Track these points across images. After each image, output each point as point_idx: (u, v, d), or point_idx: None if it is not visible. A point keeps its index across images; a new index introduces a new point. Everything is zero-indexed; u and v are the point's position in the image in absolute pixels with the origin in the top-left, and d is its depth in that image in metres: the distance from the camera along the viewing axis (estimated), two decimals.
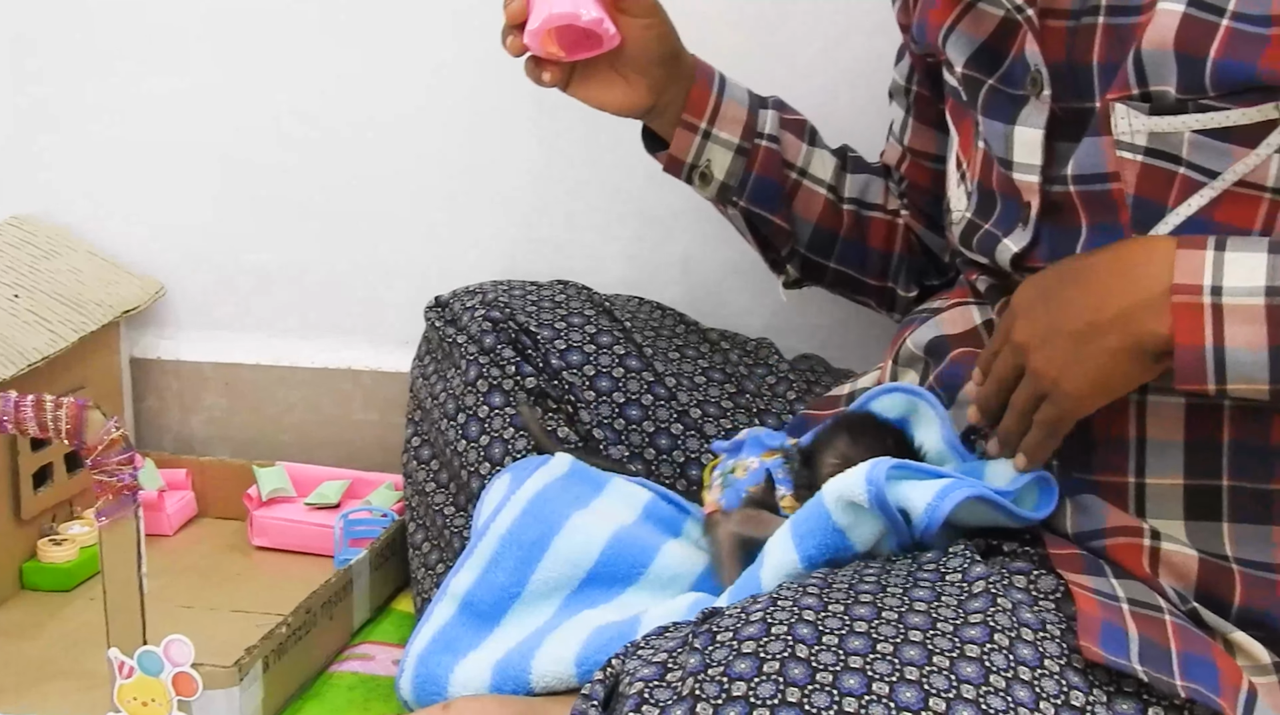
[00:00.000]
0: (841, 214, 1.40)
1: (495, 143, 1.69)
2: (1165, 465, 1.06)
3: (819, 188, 1.39)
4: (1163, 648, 0.98)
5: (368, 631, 1.45)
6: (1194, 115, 1.01)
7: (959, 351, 1.21)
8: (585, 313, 1.41)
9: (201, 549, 1.65)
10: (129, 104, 1.76)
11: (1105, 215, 1.07)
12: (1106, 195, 1.07)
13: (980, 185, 1.19)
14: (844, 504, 1.04)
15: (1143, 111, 1.03)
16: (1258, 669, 1.03)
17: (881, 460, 1.04)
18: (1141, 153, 1.04)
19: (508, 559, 1.20)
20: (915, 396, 1.20)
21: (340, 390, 1.77)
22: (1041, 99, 1.10)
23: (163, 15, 1.73)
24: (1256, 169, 1.01)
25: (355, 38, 1.69)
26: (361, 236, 1.75)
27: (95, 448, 1.16)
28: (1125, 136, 1.05)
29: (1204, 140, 1.02)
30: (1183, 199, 1.03)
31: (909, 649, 0.92)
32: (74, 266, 1.71)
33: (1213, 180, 1.02)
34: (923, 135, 1.37)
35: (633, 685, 0.94)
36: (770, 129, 1.36)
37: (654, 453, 1.35)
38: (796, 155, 1.38)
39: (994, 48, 1.15)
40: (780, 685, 0.90)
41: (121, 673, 1.20)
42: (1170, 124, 1.03)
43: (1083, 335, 1.00)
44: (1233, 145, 1.01)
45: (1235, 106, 1.00)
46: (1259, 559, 1.05)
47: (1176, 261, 0.97)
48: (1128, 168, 1.05)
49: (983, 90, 1.16)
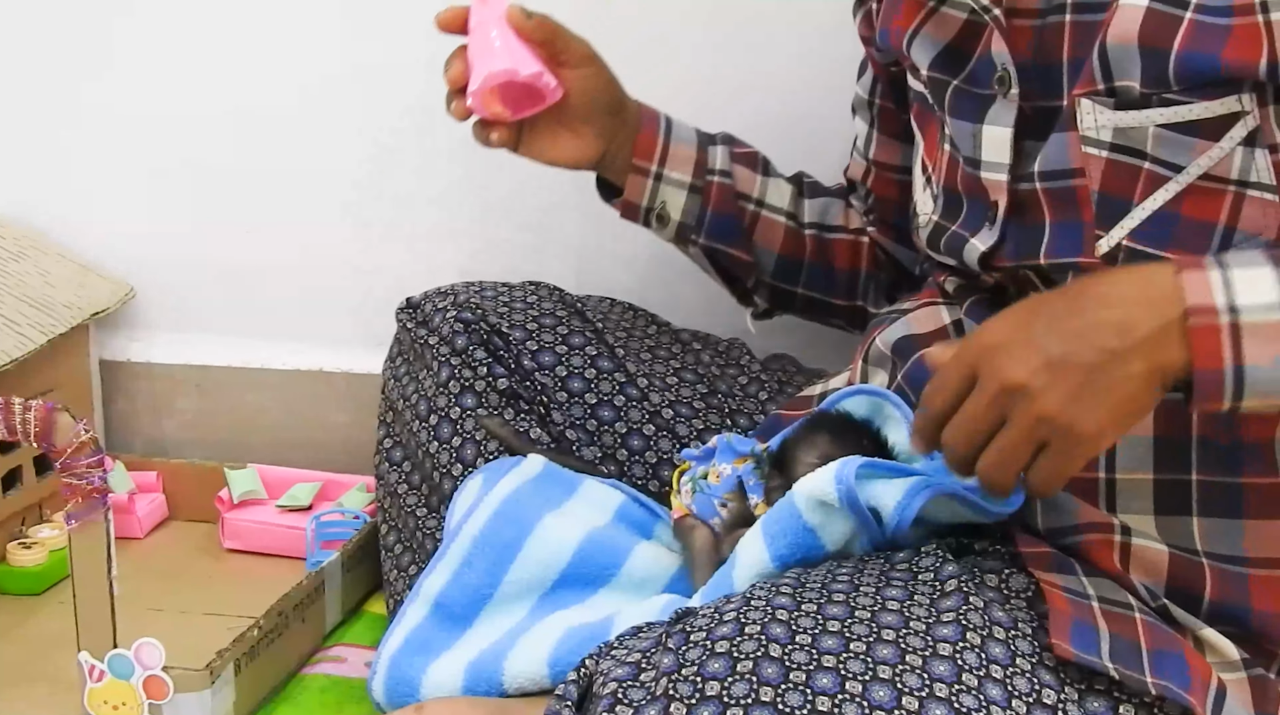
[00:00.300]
0: (804, 240, 1.42)
1: (467, 143, 1.68)
2: (1135, 460, 1.07)
3: (778, 216, 1.41)
4: (1133, 645, 0.98)
5: (340, 634, 1.44)
6: (1158, 110, 1.02)
7: (926, 350, 1.22)
8: (557, 313, 1.41)
9: (172, 552, 1.64)
10: (99, 107, 1.76)
11: (1069, 212, 1.08)
12: (1071, 192, 1.08)
13: (946, 188, 1.20)
14: (814, 503, 1.05)
15: (1108, 107, 1.04)
16: (1227, 665, 1.03)
17: (851, 459, 1.05)
18: (1107, 148, 1.05)
19: (480, 560, 1.20)
20: (880, 398, 1.21)
21: (312, 392, 1.76)
22: (1009, 98, 1.11)
23: (132, 20, 1.72)
24: (1220, 162, 1.02)
25: (323, 41, 1.69)
26: (332, 238, 1.74)
27: (65, 451, 1.15)
28: (1091, 132, 1.06)
29: (1168, 134, 1.02)
30: (1148, 194, 1.04)
31: (882, 648, 0.92)
32: (43, 268, 1.71)
33: (1177, 174, 1.03)
34: (887, 147, 1.38)
35: (606, 685, 0.94)
36: (721, 165, 1.38)
37: (626, 454, 1.36)
38: (751, 187, 1.40)
39: (959, 49, 1.16)
40: (754, 685, 0.90)
41: (92, 676, 1.19)
42: (1135, 119, 1.03)
43: (1100, 366, 0.92)
44: (1197, 139, 1.02)
45: (1198, 100, 1.01)
46: (1229, 553, 1.05)
47: (1183, 282, 0.92)
48: (1093, 163, 1.06)
49: (949, 91, 1.16)
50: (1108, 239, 1.06)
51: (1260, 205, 1.02)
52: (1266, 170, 1.01)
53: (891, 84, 1.35)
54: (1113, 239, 1.06)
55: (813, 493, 1.04)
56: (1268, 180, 1.01)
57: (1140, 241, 1.05)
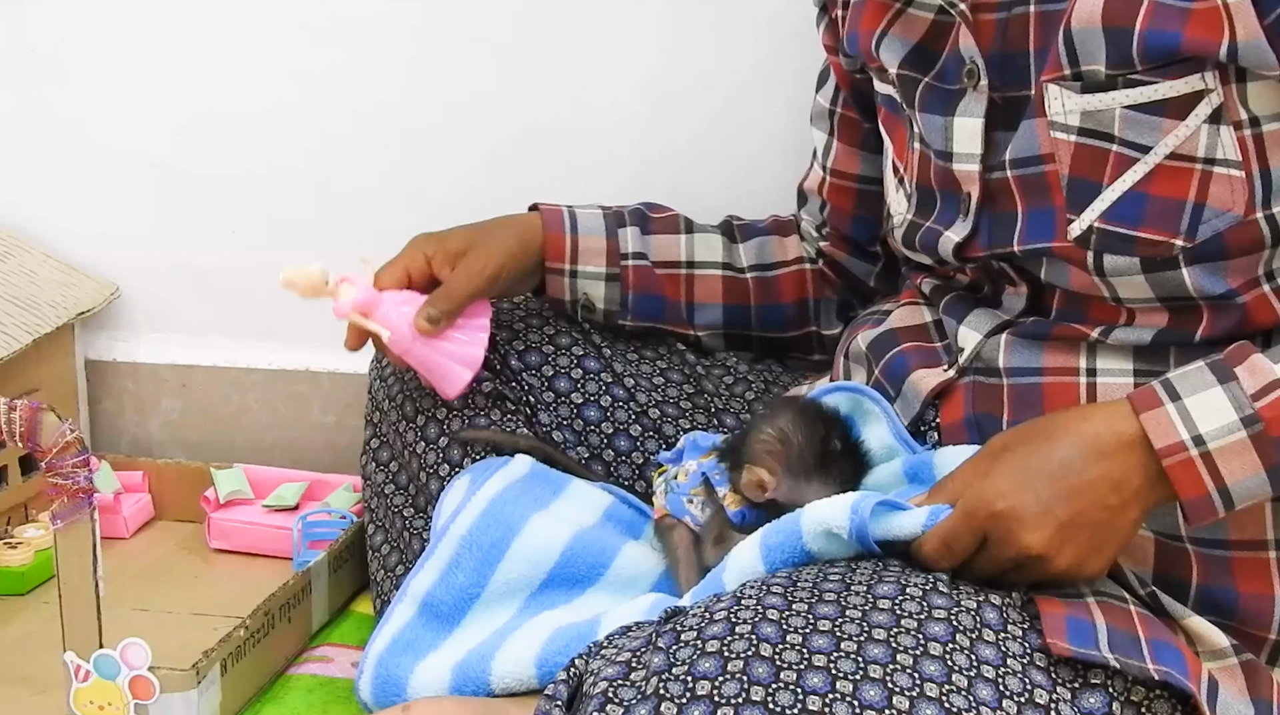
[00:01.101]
0: (746, 284, 1.42)
1: (452, 145, 1.69)
2: None
3: (713, 270, 1.41)
4: (1131, 635, 0.99)
5: (326, 634, 1.44)
6: (1124, 91, 1.04)
7: (906, 345, 1.23)
8: (544, 314, 1.41)
9: (158, 552, 1.64)
10: (84, 106, 1.75)
11: (1040, 198, 1.10)
12: (1042, 178, 1.10)
13: (920, 186, 1.21)
14: (820, 532, 1.03)
15: (1075, 91, 1.06)
16: (1215, 654, 1.04)
17: (868, 494, 1.04)
18: (1075, 132, 1.07)
19: (468, 560, 1.20)
20: (859, 394, 1.21)
21: (298, 392, 1.76)
22: (979, 90, 1.13)
23: (118, 20, 1.72)
24: (1187, 141, 1.04)
25: (305, 42, 1.69)
26: (320, 238, 1.74)
27: (50, 451, 1.15)
28: (1059, 117, 1.07)
29: (1135, 115, 1.04)
30: (1117, 175, 1.06)
31: (873, 647, 0.92)
32: (28, 268, 1.70)
33: (1145, 155, 1.05)
34: (846, 157, 1.39)
35: (597, 685, 0.94)
36: (634, 247, 1.39)
37: (613, 455, 1.36)
38: (676, 252, 1.41)
39: (927, 46, 1.17)
40: (744, 684, 0.90)
41: (78, 677, 1.19)
42: (1102, 101, 1.05)
43: (1104, 523, 1.00)
44: (1163, 119, 1.04)
45: (1163, 80, 1.03)
46: (1212, 537, 1.07)
47: (1145, 426, 0.99)
48: (1062, 148, 1.08)
49: (919, 88, 1.18)
50: (1079, 223, 1.08)
51: (1227, 182, 1.04)
52: (1232, 147, 1.03)
53: (854, 93, 1.35)
54: (1084, 222, 1.08)
55: (821, 521, 1.03)
56: (1233, 157, 1.04)
57: (1111, 222, 1.07)
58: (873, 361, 1.26)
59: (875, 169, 1.37)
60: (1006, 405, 1.14)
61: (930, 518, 1.02)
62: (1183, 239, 1.05)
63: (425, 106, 1.68)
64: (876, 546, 1.03)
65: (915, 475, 1.15)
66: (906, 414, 1.21)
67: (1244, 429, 0.98)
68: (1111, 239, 1.07)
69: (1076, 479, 1.00)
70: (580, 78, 1.64)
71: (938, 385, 1.19)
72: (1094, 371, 1.11)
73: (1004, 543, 1.00)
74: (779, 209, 1.49)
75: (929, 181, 1.19)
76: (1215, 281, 1.06)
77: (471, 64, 1.65)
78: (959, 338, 1.20)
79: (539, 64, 1.64)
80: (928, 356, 1.22)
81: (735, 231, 1.44)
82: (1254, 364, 1.00)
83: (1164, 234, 1.05)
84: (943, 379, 1.19)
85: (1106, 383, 1.10)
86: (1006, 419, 1.14)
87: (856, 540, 1.02)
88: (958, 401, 1.18)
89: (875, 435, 1.19)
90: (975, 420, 1.16)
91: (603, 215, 1.40)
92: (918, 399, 1.20)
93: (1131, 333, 1.10)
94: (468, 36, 1.65)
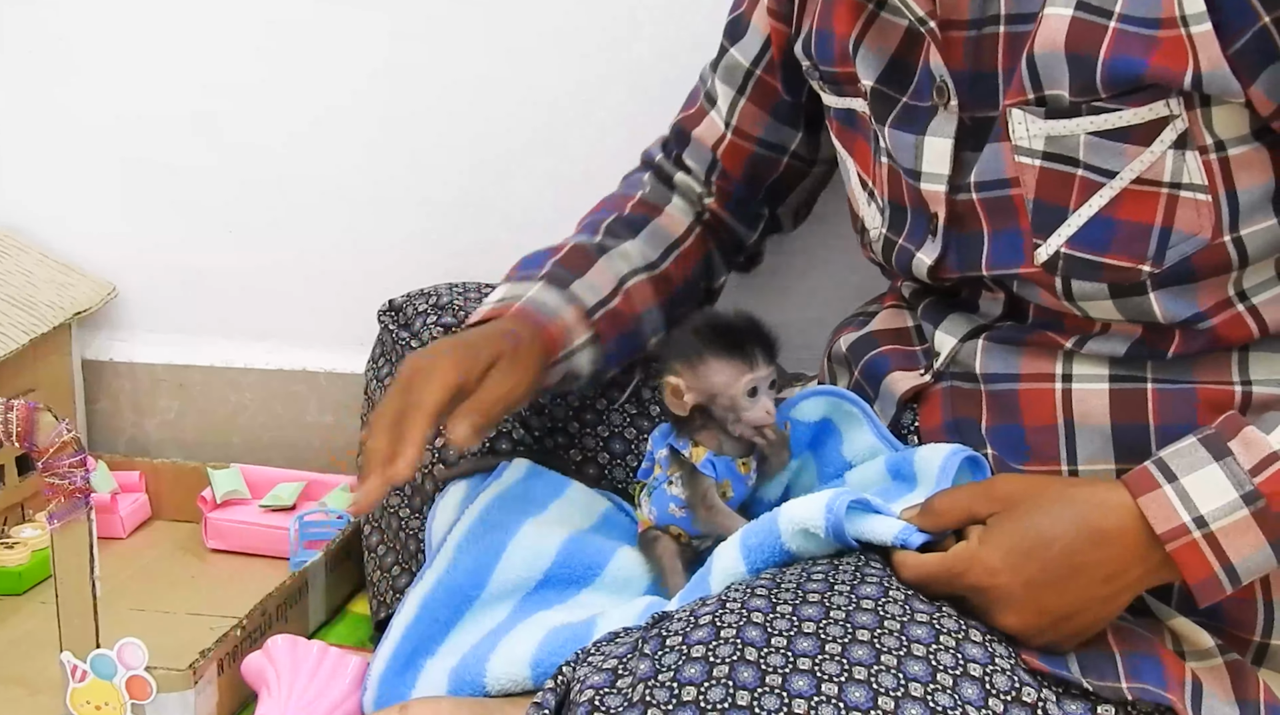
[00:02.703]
0: (667, 274, 1.35)
1: (451, 144, 1.69)
2: (1095, 451, 1.08)
3: (638, 277, 1.32)
4: (1105, 655, 1.00)
5: (323, 634, 1.44)
6: (1088, 118, 1.02)
7: (885, 347, 1.23)
8: None
9: (155, 552, 1.64)
10: (81, 107, 1.75)
11: (1007, 221, 1.09)
12: (1007, 201, 1.08)
13: (891, 201, 1.19)
14: (798, 531, 1.04)
15: (1039, 116, 1.04)
16: (1200, 654, 1.04)
17: (842, 491, 1.04)
18: (1040, 157, 1.05)
19: (465, 562, 1.20)
20: (838, 397, 1.21)
21: (295, 392, 1.76)
22: (950, 109, 1.11)
23: (115, 19, 1.72)
24: (1152, 166, 1.02)
25: (304, 41, 1.69)
26: (316, 238, 1.74)
27: (47, 450, 1.15)
28: (1023, 141, 1.06)
29: (1099, 142, 1.03)
30: (1083, 200, 1.04)
31: (857, 648, 0.93)
32: (25, 268, 1.70)
33: (1110, 180, 1.03)
34: (753, 119, 1.35)
35: (583, 693, 0.94)
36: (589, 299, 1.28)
37: (608, 457, 1.36)
38: (611, 279, 1.30)
39: (904, 60, 1.15)
40: (730, 689, 0.90)
41: (74, 676, 1.19)
42: (1066, 127, 1.03)
43: (1088, 615, 1.00)
44: (1128, 145, 1.02)
45: (1128, 106, 1.01)
46: None
47: (1144, 511, 0.98)
48: (1026, 172, 1.06)
49: (895, 107, 1.15)
50: (1046, 247, 1.06)
51: (1194, 206, 1.02)
52: (1198, 171, 1.02)
53: (784, 65, 1.31)
54: (1050, 247, 1.06)
55: (798, 521, 1.04)
56: (1200, 181, 1.02)
57: (1078, 248, 1.05)
58: (852, 363, 1.26)
59: (778, 136, 1.34)
60: (985, 411, 1.14)
61: (902, 533, 1.03)
62: (1150, 264, 1.03)
63: (426, 107, 1.68)
64: (855, 544, 1.03)
65: (898, 472, 1.15)
66: (884, 416, 1.21)
67: (1246, 506, 0.96)
68: (1078, 264, 1.05)
69: (1072, 568, 0.99)
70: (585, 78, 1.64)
71: (912, 388, 1.19)
72: (1070, 377, 1.10)
73: (982, 610, 1.00)
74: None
75: (900, 198, 1.18)
76: (1183, 305, 1.05)
77: (472, 64, 1.65)
78: (936, 342, 1.19)
79: (539, 64, 1.64)
80: (906, 359, 1.22)
81: (623, 230, 1.35)
82: (1247, 437, 0.98)
83: (1131, 260, 1.04)
84: (918, 383, 1.19)
85: (1083, 389, 1.09)
86: (985, 425, 1.13)
87: (834, 538, 1.03)
88: (936, 406, 1.17)
89: (858, 437, 1.20)
90: (955, 425, 1.15)
91: (545, 286, 1.27)
92: (892, 401, 1.20)
93: (1105, 344, 1.09)
94: (469, 36, 1.65)
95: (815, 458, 1.24)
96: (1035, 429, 1.10)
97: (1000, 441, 1.12)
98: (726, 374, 1.15)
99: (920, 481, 1.12)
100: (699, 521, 1.19)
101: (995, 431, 1.12)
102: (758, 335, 1.17)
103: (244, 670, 1.25)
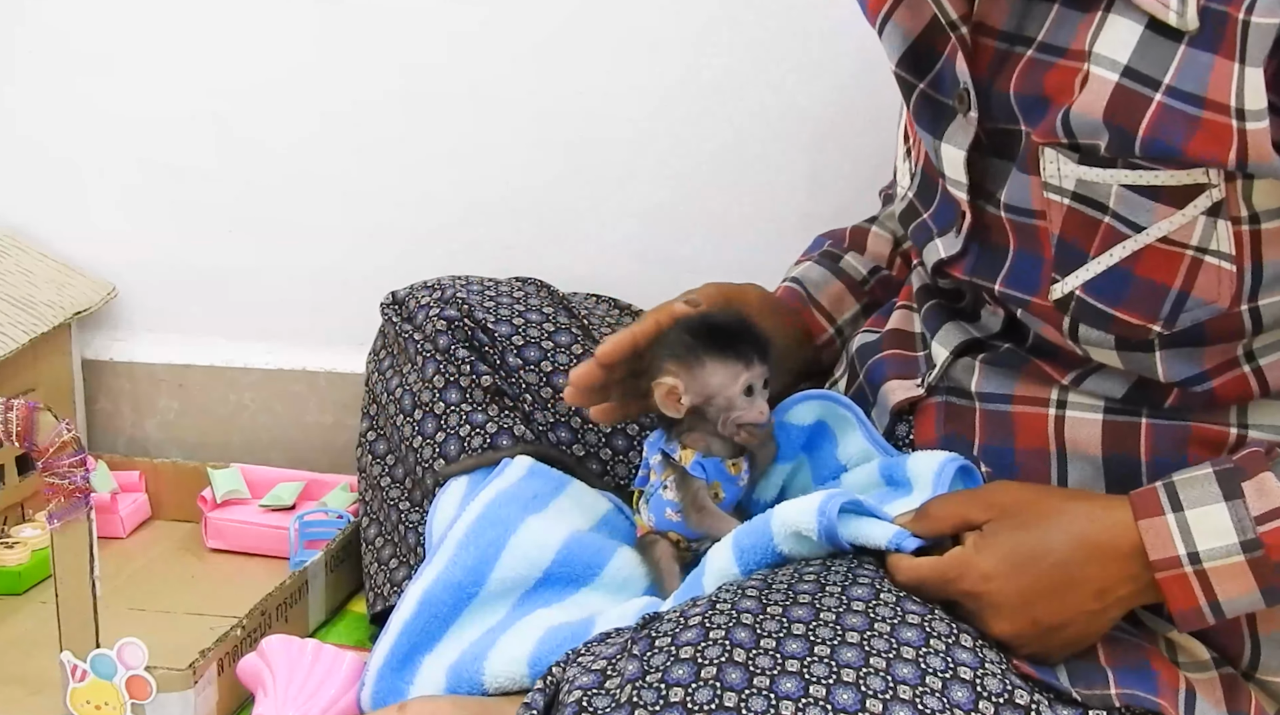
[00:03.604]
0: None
1: (452, 141, 1.69)
2: (1085, 480, 1.08)
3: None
4: (1095, 667, 1.00)
5: (323, 634, 1.44)
6: (1123, 171, 0.99)
7: (887, 352, 1.22)
8: (544, 310, 1.41)
9: (155, 551, 1.64)
10: (81, 106, 1.75)
11: (1032, 245, 1.06)
12: (1034, 230, 1.05)
13: (923, 170, 1.17)
14: (790, 534, 1.04)
15: (1072, 159, 1.01)
16: (1197, 665, 1.04)
17: (835, 493, 1.04)
18: (1069, 196, 1.02)
19: (465, 558, 1.19)
20: (830, 401, 1.21)
21: (295, 392, 1.76)
22: (968, 119, 1.07)
23: (114, 19, 1.72)
24: (1181, 228, 0.98)
25: (305, 39, 1.69)
26: (316, 237, 1.74)
27: (47, 450, 1.15)
28: (1054, 179, 1.02)
29: (1132, 195, 0.99)
30: (1104, 249, 1.01)
31: (846, 650, 0.92)
32: (25, 268, 1.70)
33: (1136, 234, 1.00)
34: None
35: (571, 694, 0.94)
36: (865, 269, 1.36)
37: (610, 453, 1.36)
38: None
39: (929, 46, 1.11)
40: (717, 690, 0.90)
41: (74, 676, 1.19)
42: (1099, 175, 1.00)
43: (1078, 627, 1.00)
44: (1159, 204, 0.98)
45: (1165, 168, 0.97)
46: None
47: (1143, 535, 0.97)
48: (1054, 209, 1.03)
49: (915, 94, 1.13)
50: (1062, 286, 1.04)
51: (1216, 273, 0.99)
52: (1228, 240, 0.98)
53: None
54: (1066, 287, 1.03)
55: (790, 523, 1.04)
56: (1227, 250, 0.99)
57: (1092, 295, 1.02)
58: (858, 366, 1.25)
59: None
60: (978, 429, 1.13)
61: (896, 537, 1.02)
62: (1161, 325, 1.01)
63: (426, 107, 1.68)
64: (848, 546, 1.03)
65: (890, 477, 1.15)
66: (879, 425, 1.20)
67: (1243, 553, 0.96)
68: (1089, 311, 1.03)
69: (1065, 580, 0.99)
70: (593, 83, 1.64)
71: (906, 399, 1.17)
72: (1065, 404, 1.08)
73: (974, 616, 1.00)
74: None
75: (932, 173, 1.15)
76: (1187, 367, 1.03)
77: (473, 63, 1.65)
78: (933, 351, 1.18)
79: (540, 65, 1.64)
80: (905, 366, 1.21)
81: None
82: (1263, 483, 0.97)
83: (1143, 318, 1.01)
84: (911, 394, 1.17)
85: (1076, 417, 1.08)
86: (978, 443, 1.12)
87: (826, 541, 1.02)
88: (930, 420, 1.16)
89: (851, 441, 1.20)
90: (947, 442, 1.14)
91: (813, 268, 1.36)
92: (886, 411, 1.19)
93: (1103, 382, 1.07)
94: (469, 37, 1.64)
95: (810, 461, 1.24)
96: (1026, 451, 1.10)
97: (992, 461, 1.11)
98: (723, 375, 1.15)
99: (915, 487, 1.11)
100: (691, 524, 1.18)
101: (987, 451, 1.11)
102: (751, 335, 1.17)
103: (239, 672, 1.25)
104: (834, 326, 1.34)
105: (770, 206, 1.62)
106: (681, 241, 1.65)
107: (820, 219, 1.53)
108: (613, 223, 1.67)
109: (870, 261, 1.37)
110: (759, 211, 1.63)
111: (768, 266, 1.54)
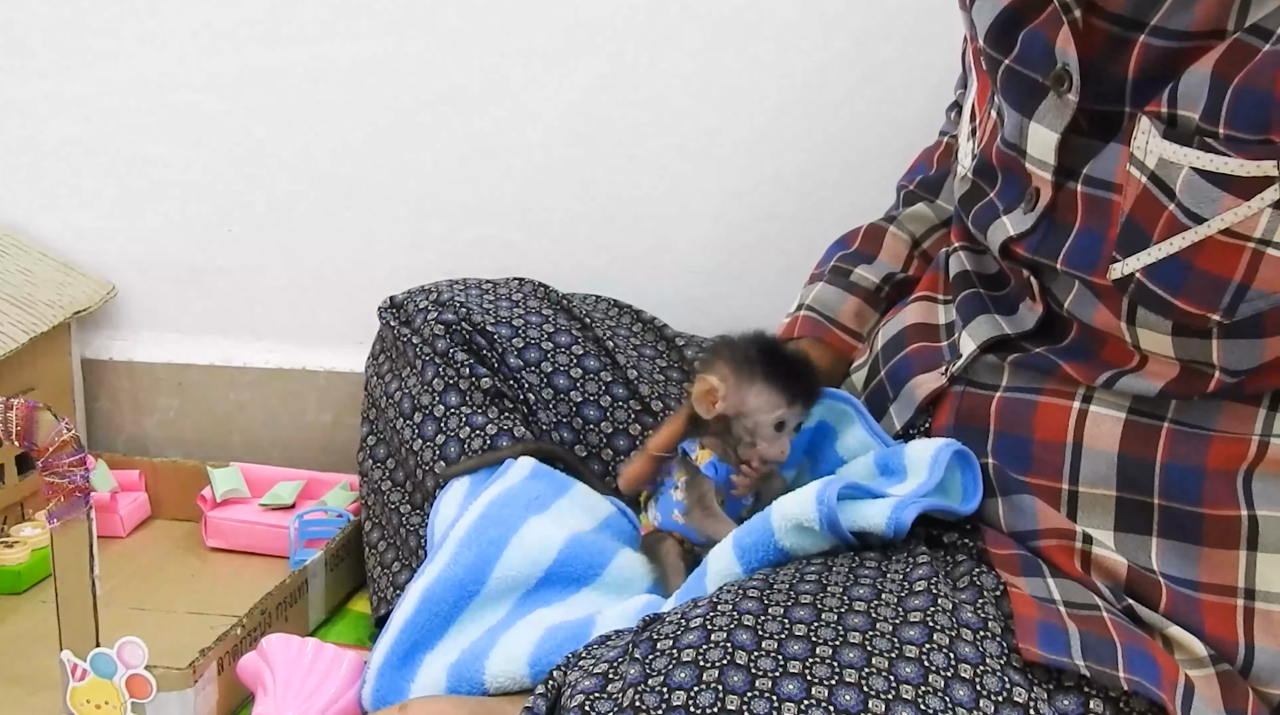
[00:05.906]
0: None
1: (453, 141, 1.69)
2: (1098, 476, 1.07)
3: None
4: (1105, 640, 0.99)
5: (323, 633, 1.44)
6: (1197, 152, 0.97)
7: (911, 348, 1.22)
8: (543, 312, 1.41)
9: (155, 550, 1.64)
10: (80, 105, 1.75)
11: (1099, 221, 1.04)
12: (1106, 204, 1.03)
13: (983, 153, 1.15)
14: (791, 527, 1.04)
15: (1159, 133, 0.98)
16: (1194, 662, 1.04)
17: (831, 480, 1.04)
18: (1148, 175, 1.00)
19: (466, 557, 1.19)
20: (829, 399, 1.22)
21: (295, 391, 1.76)
22: (1065, 100, 1.05)
23: (113, 18, 1.72)
24: (1245, 220, 0.97)
25: (306, 39, 1.69)
26: (315, 236, 1.74)
27: (46, 449, 1.15)
28: (1139, 152, 1.00)
29: (1199, 182, 0.97)
30: (1165, 237, 0.99)
31: (848, 651, 0.92)
32: (24, 267, 1.70)
33: (1197, 226, 0.98)
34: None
35: (574, 698, 0.94)
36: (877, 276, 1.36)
37: (611, 453, 1.36)
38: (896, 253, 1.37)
39: (1018, 14, 1.07)
40: (719, 694, 0.90)
41: (74, 675, 1.19)
42: (1176, 154, 0.98)
43: None
44: (1226, 194, 0.97)
45: (1237, 155, 0.96)
46: (1184, 576, 1.05)
47: None
48: (1131, 185, 1.01)
49: (1000, 69, 1.10)
50: (1122, 266, 1.02)
51: (1278, 265, 0.97)
52: None
53: None
54: (1127, 267, 1.02)
55: (791, 516, 1.04)
56: None
57: (1152, 280, 1.01)
58: (881, 363, 1.25)
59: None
60: (994, 418, 1.12)
61: (895, 511, 1.03)
62: (1221, 315, 0.99)
63: (426, 108, 1.68)
64: (850, 535, 1.03)
65: (886, 466, 1.15)
66: (902, 417, 1.20)
67: None
68: (1149, 297, 1.01)
69: None
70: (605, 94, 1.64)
71: (933, 391, 1.18)
72: (1090, 399, 1.08)
73: None
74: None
75: (991, 155, 1.13)
76: (1245, 357, 1.02)
77: (473, 64, 1.65)
78: (961, 341, 1.18)
79: (539, 64, 1.64)
80: (931, 357, 1.20)
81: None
82: None
83: (1202, 308, 0.99)
84: (937, 386, 1.17)
85: (1099, 412, 1.07)
86: (993, 430, 1.12)
87: (828, 530, 1.02)
88: (946, 409, 1.16)
89: (850, 433, 1.20)
90: (963, 431, 1.14)
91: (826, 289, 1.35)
92: (911, 405, 1.19)
93: (1139, 381, 1.06)
94: (469, 36, 1.65)
95: (811, 461, 1.25)
96: (1043, 443, 1.09)
97: (1004, 451, 1.11)
98: (766, 400, 1.16)
99: (910, 474, 1.11)
100: (694, 522, 1.19)
101: (1001, 439, 1.11)
102: (807, 378, 1.18)
103: (239, 670, 1.25)
104: (862, 340, 1.34)
105: (770, 206, 1.63)
106: (683, 240, 1.65)
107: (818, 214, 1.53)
108: (613, 223, 1.67)
109: (882, 266, 1.36)
110: (757, 211, 1.63)
111: (766, 264, 1.54)
